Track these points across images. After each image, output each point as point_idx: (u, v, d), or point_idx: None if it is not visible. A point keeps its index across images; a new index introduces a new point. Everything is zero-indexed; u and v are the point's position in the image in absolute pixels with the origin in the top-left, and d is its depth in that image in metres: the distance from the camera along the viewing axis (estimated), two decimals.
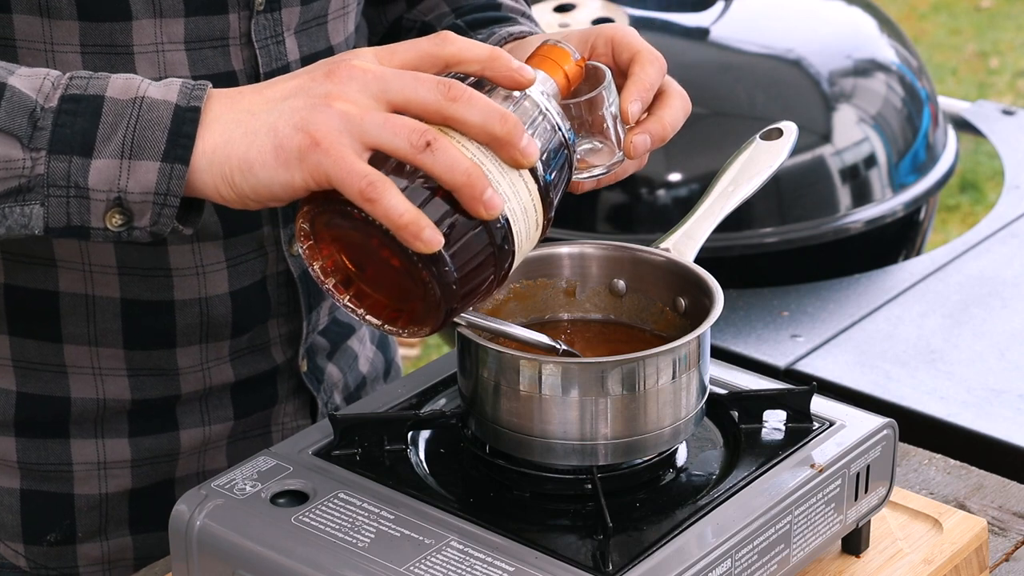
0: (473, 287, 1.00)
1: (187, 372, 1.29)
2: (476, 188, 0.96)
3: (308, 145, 0.96)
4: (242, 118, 1.00)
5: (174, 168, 1.00)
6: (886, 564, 1.17)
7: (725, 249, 2.22)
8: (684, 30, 2.42)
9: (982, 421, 1.87)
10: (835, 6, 2.60)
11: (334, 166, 0.96)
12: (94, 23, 1.15)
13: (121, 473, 1.30)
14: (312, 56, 1.27)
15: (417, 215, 0.95)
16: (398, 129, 0.97)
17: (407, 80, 0.98)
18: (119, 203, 1.01)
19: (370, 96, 0.98)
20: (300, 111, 0.98)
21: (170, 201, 1.01)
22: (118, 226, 1.02)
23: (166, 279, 1.25)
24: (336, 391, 1.41)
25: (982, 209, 4.18)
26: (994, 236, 2.33)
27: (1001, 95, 4.91)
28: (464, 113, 0.98)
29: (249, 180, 0.99)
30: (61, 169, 1.00)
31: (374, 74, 0.99)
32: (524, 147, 0.99)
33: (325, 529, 1.05)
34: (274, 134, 0.98)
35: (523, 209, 1.01)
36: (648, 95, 1.14)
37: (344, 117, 0.97)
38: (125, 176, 1.01)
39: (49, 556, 1.31)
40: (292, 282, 1.31)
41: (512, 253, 1.01)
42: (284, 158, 0.97)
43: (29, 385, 1.27)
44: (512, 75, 1.02)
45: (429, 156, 0.96)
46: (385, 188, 0.95)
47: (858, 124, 2.34)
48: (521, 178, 1.01)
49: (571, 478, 1.09)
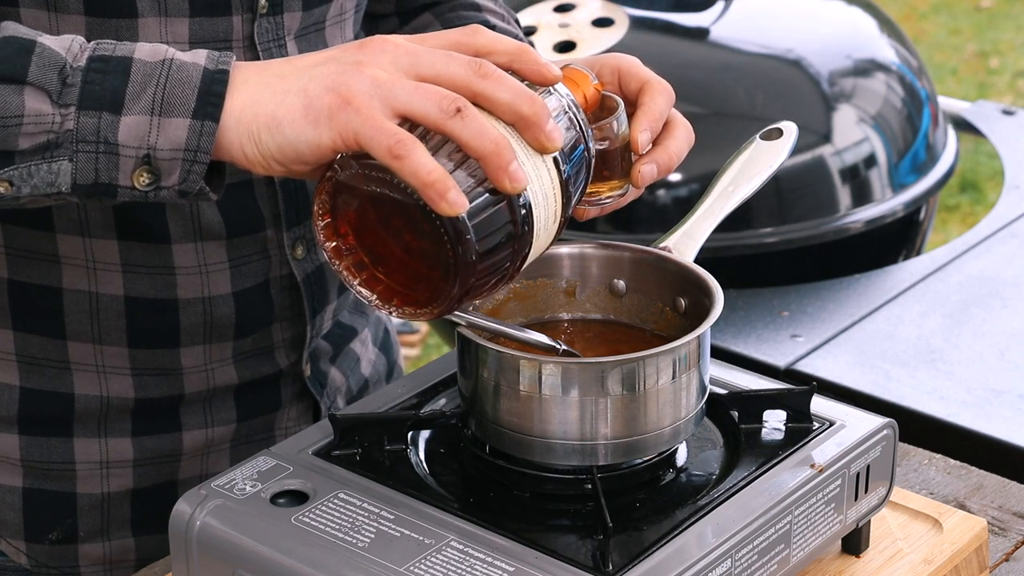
0: (489, 266, 1.00)
1: (191, 372, 1.29)
2: (503, 157, 0.97)
3: (338, 104, 0.97)
4: (272, 81, 1.01)
5: (204, 125, 1.01)
6: (886, 564, 1.17)
7: (725, 249, 2.22)
8: (684, 30, 2.42)
9: (982, 421, 1.87)
10: (835, 6, 2.60)
11: (363, 124, 0.96)
12: (100, 19, 1.16)
13: (123, 473, 1.30)
14: None
15: (444, 175, 0.95)
16: (429, 94, 0.97)
17: (439, 55, 0.99)
18: (147, 161, 1.02)
19: (400, 69, 0.99)
20: (332, 75, 0.99)
21: (200, 158, 1.02)
22: (145, 185, 1.03)
23: (170, 277, 1.25)
24: (339, 395, 1.41)
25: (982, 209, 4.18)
26: (994, 236, 2.33)
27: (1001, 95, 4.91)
28: (494, 90, 0.99)
29: (276, 138, 0.99)
30: (91, 125, 1.01)
31: (406, 49, 1.00)
32: (549, 131, 1.00)
33: (325, 529, 1.05)
34: (304, 94, 0.99)
35: (544, 195, 1.02)
36: (658, 125, 1.15)
37: (375, 82, 0.98)
38: (155, 133, 1.01)
39: (51, 555, 1.31)
40: (295, 286, 1.31)
41: (531, 239, 1.02)
42: (313, 116, 0.98)
43: (33, 380, 1.27)
44: (540, 70, 1.03)
45: (459, 122, 0.96)
46: (414, 146, 0.95)
47: (858, 124, 2.34)
48: (544, 164, 1.02)
49: (571, 478, 1.09)
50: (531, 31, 2.40)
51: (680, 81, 1.19)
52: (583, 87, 1.10)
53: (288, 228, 1.29)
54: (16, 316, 1.25)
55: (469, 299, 1.01)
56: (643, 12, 2.43)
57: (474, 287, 1.00)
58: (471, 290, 1.00)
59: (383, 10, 1.44)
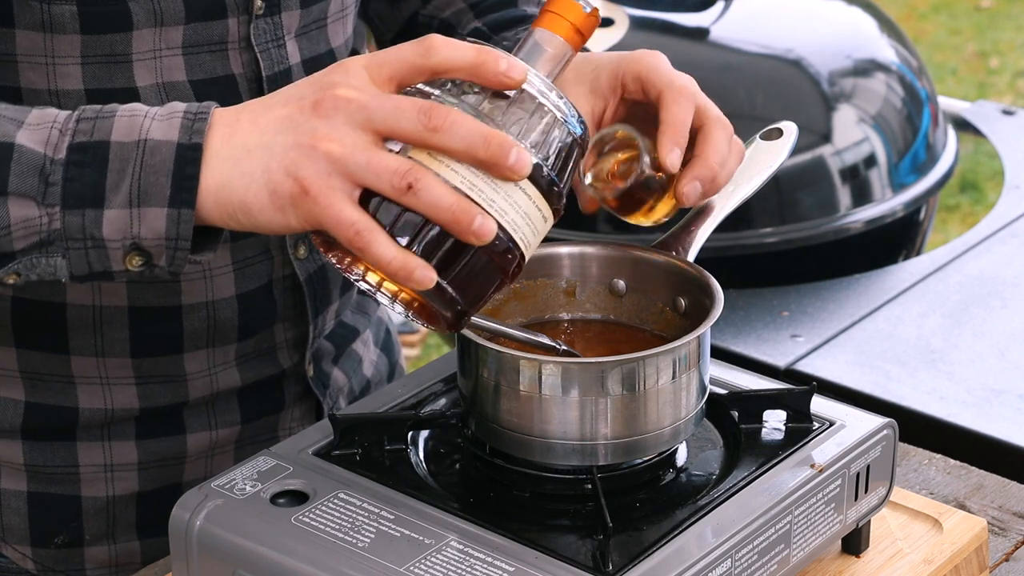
0: (481, 294, 1.02)
1: (194, 377, 1.29)
2: (463, 223, 0.97)
3: (299, 193, 0.99)
4: (239, 156, 1.01)
5: (181, 213, 1.02)
6: (886, 564, 1.17)
7: (725, 249, 2.22)
8: (684, 30, 2.42)
9: (982, 421, 1.87)
10: (835, 6, 2.60)
11: (323, 214, 0.98)
12: (95, 36, 1.16)
13: (128, 476, 1.30)
14: (313, 59, 1.27)
15: (405, 259, 0.97)
16: (380, 172, 0.98)
17: (389, 110, 0.99)
18: (136, 247, 1.03)
19: (356, 127, 0.99)
20: (289, 152, 0.99)
21: (181, 244, 1.03)
22: (139, 266, 1.04)
23: (174, 283, 1.25)
24: (341, 395, 1.41)
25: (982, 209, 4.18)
26: (994, 236, 2.33)
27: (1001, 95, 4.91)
28: (446, 142, 0.98)
29: (252, 220, 1.01)
30: (76, 223, 1.02)
31: (358, 104, 0.99)
32: (513, 164, 0.98)
33: (325, 529, 1.05)
34: (268, 178, 1.00)
35: (523, 216, 1.01)
36: (682, 138, 1.13)
37: (329, 159, 0.98)
38: (136, 224, 1.03)
39: (57, 559, 1.30)
40: (298, 286, 1.31)
41: (517, 257, 1.02)
42: (279, 204, 1.00)
43: (37, 395, 1.27)
44: (500, 79, 1.01)
45: (412, 197, 0.97)
46: (372, 237, 0.97)
47: (858, 124, 2.34)
48: (518, 187, 1.00)
49: (571, 478, 1.09)
50: None
51: None
52: (571, 18, 1.06)
53: None
54: (19, 334, 1.25)
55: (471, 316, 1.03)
56: (643, 12, 2.43)
57: (473, 310, 1.02)
58: (470, 313, 1.02)
59: None
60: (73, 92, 1.18)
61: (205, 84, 1.21)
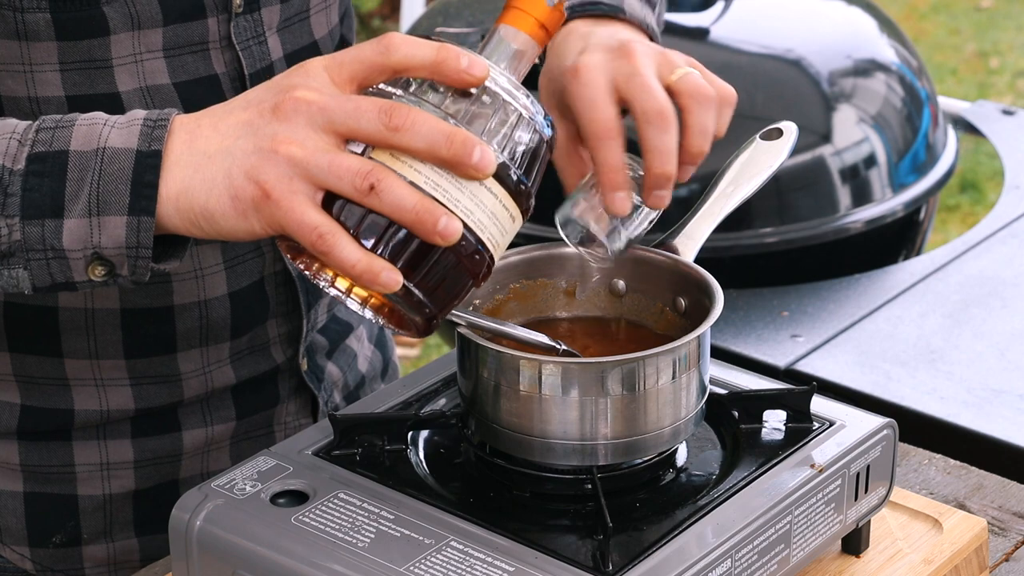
0: (450, 297, 1.01)
1: (189, 376, 1.29)
2: (427, 223, 0.96)
3: (260, 197, 0.98)
4: (199, 162, 1.01)
5: (141, 221, 1.01)
6: (886, 564, 1.17)
7: (725, 249, 2.22)
8: (684, 30, 2.42)
9: (982, 421, 1.87)
10: (835, 6, 2.60)
11: (285, 218, 0.97)
12: (72, 42, 1.15)
13: (124, 474, 1.30)
14: (296, 52, 1.27)
15: (369, 262, 0.96)
16: (342, 173, 0.97)
17: (349, 111, 0.98)
18: (97, 257, 1.02)
19: (317, 129, 0.98)
20: (250, 156, 0.99)
21: (142, 253, 1.02)
22: (103, 276, 1.03)
23: (165, 285, 1.25)
24: (336, 390, 1.41)
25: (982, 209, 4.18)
26: (994, 236, 2.33)
27: (1001, 95, 4.91)
28: (408, 141, 0.97)
29: (215, 227, 1.00)
30: (36, 234, 1.02)
31: (318, 106, 0.98)
32: (477, 162, 0.97)
33: (325, 529, 1.05)
34: (229, 183, 0.99)
35: (490, 215, 1.00)
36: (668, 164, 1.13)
37: (291, 163, 0.97)
38: (97, 233, 1.02)
39: (55, 558, 1.30)
40: (290, 280, 1.31)
41: (486, 258, 1.01)
42: (241, 209, 0.99)
43: (33, 398, 1.27)
44: (462, 76, 0.99)
45: (375, 199, 0.96)
46: (335, 240, 0.96)
47: (858, 124, 2.34)
48: (483, 186, 0.99)
49: (571, 478, 1.09)
50: None
51: None
52: (536, 13, 1.04)
53: None
54: (12, 338, 1.25)
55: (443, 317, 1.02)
56: None
57: (443, 314, 1.01)
58: (441, 316, 1.01)
59: None
60: (53, 99, 1.17)
61: (188, 85, 1.21)
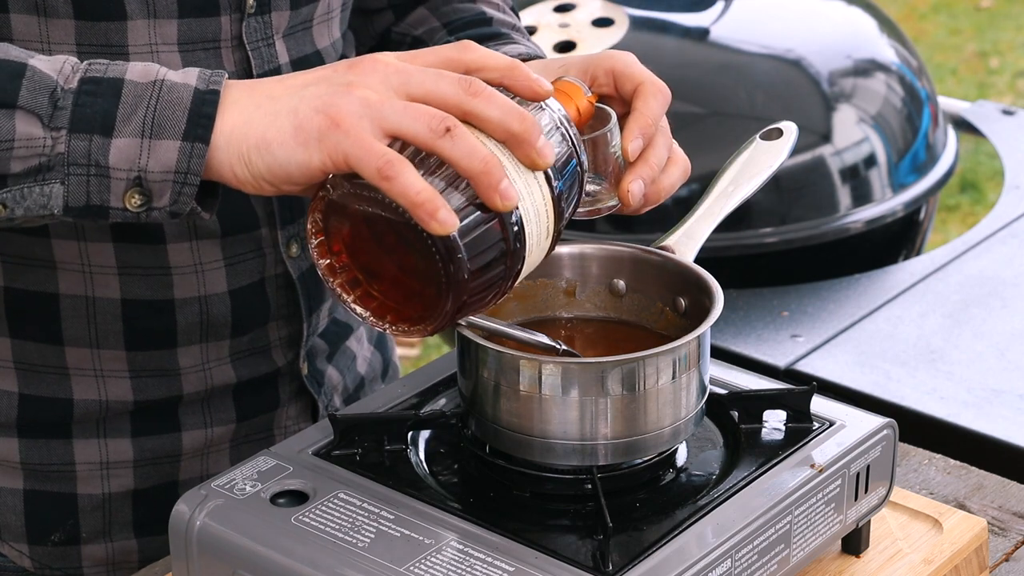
0: (482, 283, 1.00)
1: (188, 372, 1.29)
2: (493, 176, 0.97)
3: (328, 126, 0.98)
4: (262, 102, 1.01)
5: (194, 147, 1.01)
6: (886, 564, 1.17)
7: (725, 249, 2.22)
8: (684, 30, 2.42)
9: (982, 421, 1.87)
10: (835, 6, 2.60)
11: (353, 145, 0.97)
12: (89, 22, 1.16)
13: (124, 473, 1.30)
14: (300, 59, 1.27)
15: (433, 194, 0.96)
16: (418, 115, 0.98)
17: (429, 74, 1.00)
18: (139, 183, 1.02)
19: (391, 88, 0.99)
20: (322, 96, 0.99)
21: (190, 180, 1.02)
22: (137, 206, 1.03)
23: (166, 277, 1.25)
24: (336, 393, 1.41)
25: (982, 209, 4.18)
26: (994, 236, 2.33)
27: (1001, 95, 4.91)
28: (484, 108, 0.99)
29: (266, 159, 1.00)
30: (81, 148, 1.01)
31: (396, 68, 1.00)
32: (540, 147, 1.00)
33: (325, 529, 1.05)
34: (294, 115, 0.99)
35: (536, 211, 1.01)
36: (651, 130, 1.14)
37: (364, 102, 0.98)
38: (146, 155, 1.02)
39: (53, 556, 1.31)
40: (291, 284, 1.31)
41: (523, 255, 1.02)
42: (303, 138, 0.99)
43: (31, 387, 1.27)
44: (531, 86, 1.03)
45: (448, 141, 0.97)
46: (403, 167, 0.96)
47: (858, 124, 2.34)
48: (536, 180, 1.01)
49: (571, 478, 1.09)
50: (531, 31, 2.40)
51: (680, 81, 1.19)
52: (576, 99, 1.10)
53: (282, 226, 1.29)
54: (13, 323, 1.25)
55: (462, 315, 1.02)
56: (643, 12, 2.43)
57: (467, 304, 1.01)
58: (464, 307, 1.00)
59: (377, 5, 1.44)
60: None
61: None
